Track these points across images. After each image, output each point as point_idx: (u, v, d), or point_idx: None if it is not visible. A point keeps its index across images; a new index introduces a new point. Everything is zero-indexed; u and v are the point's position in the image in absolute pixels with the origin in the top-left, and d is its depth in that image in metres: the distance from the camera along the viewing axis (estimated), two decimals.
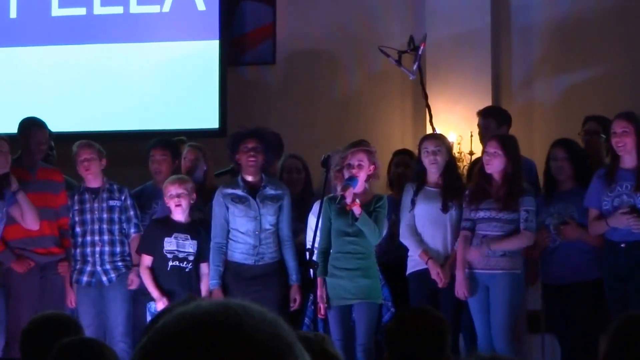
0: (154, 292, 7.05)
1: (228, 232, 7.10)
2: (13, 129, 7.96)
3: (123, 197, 7.40)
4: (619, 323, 3.48)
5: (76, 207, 7.41)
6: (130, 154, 8.89)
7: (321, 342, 2.75)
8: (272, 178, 7.32)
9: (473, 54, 9.47)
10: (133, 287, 7.26)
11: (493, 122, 7.97)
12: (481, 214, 6.84)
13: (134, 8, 9.82)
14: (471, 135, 8.91)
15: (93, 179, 7.44)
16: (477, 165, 7.70)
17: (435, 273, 6.92)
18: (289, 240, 7.12)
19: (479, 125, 8.11)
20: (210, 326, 1.27)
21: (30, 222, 7.12)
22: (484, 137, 7.99)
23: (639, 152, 6.64)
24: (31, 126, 7.60)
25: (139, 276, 7.22)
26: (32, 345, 3.87)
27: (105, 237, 7.33)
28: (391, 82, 9.76)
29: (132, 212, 7.38)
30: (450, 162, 7.17)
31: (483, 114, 8.11)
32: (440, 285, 6.92)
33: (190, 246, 7.13)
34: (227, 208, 7.10)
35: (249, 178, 7.13)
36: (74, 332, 3.80)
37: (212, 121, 9.63)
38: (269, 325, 1.30)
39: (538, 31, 9.74)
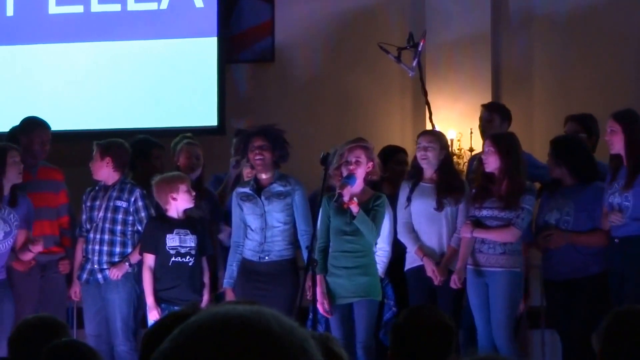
0: (149, 298, 7.10)
1: (246, 231, 7.16)
2: (9, 127, 7.94)
3: (133, 199, 7.34)
4: (609, 320, 3.51)
5: (88, 204, 7.41)
6: None
7: (326, 342, 2.73)
8: (286, 175, 7.30)
9: (473, 50, 9.46)
10: (112, 278, 7.23)
11: (497, 118, 8.00)
12: (484, 212, 6.85)
13: (132, 5, 9.80)
14: (471, 132, 8.89)
15: (101, 178, 7.40)
16: (476, 162, 7.72)
17: (431, 270, 6.92)
18: (306, 234, 7.08)
19: (481, 118, 8.10)
20: (240, 328, 1.30)
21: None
22: (486, 131, 7.99)
23: (628, 150, 6.64)
24: (36, 126, 7.61)
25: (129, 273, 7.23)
26: (19, 352, 3.85)
27: (106, 237, 7.32)
28: (391, 79, 9.74)
29: (143, 214, 7.34)
30: (446, 159, 7.14)
31: (488, 109, 8.13)
32: (435, 282, 6.91)
33: (191, 241, 7.16)
34: (242, 208, 7.14)
35: (262, 176, 7.17)
36: (62, 334, 3.80)
37: (210, 119, 9.60)
38: (297, 337, 1.32)
39: (538, 27, 9.73)
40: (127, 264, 7.25)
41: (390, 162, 7.85)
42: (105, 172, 7.37)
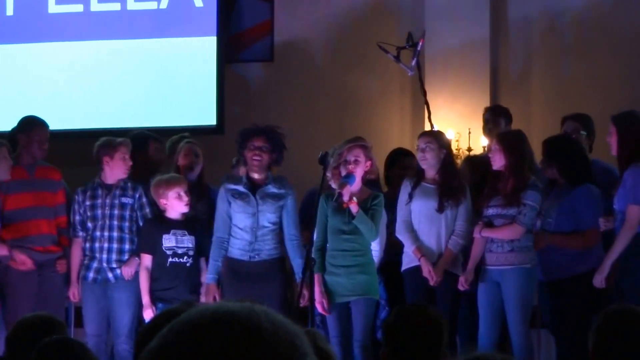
0: (144, 297, 7.11)
1: (230, 227, 7.11)
2: (9, 126, 7.96)
3: (137, 195, 7.36)
4: (601, 319, 3.53)
5: (87, 203, 7.39)
6: None
7: (312, 338, 2.73)
8: (279, 177, 7.28)
9: (472, 50, 9.48)
10: (126, 277, 7.24)
11: (503, 121, 8.08)
12: (491, 211, 6.90)
13: (131, 5, 9.82)
14: (469, 132, 8.91)
15: (120, 175, 7.41)
16: (475, 163, 7.74)
17: (427, 271, 6.93)
18: (295, 239, 7.09)
19: (487, 120, 8.14)
20: (229, 324, 1.29)
21: None
22: (492, 133, 8.03)
23: (621, 151, 6.69)
24: (34, 125, 7.60)
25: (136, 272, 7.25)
26: (16, 350, 3.86)
27: (115, 234, 7.32)
28: (390, 78, 9.76)
29: (147, 210, 7.36)
30: (447, 159, 7.14)
31: (494, 112, 8.18)
32: (431, 283, 6.91)
33: (188, 241, 7.16)
34: (230, 203, 7.11)
35: (255, 175, 7.14)
36: (59, 333, 3.80)
37: (209, 118, 9.62)
38: (288, 333, 1.31)
39: (536, 28, 9.75)
40: (137, 259, 7.25)
41: (394, 166, 7.86)
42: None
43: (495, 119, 8.12)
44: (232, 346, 1.28)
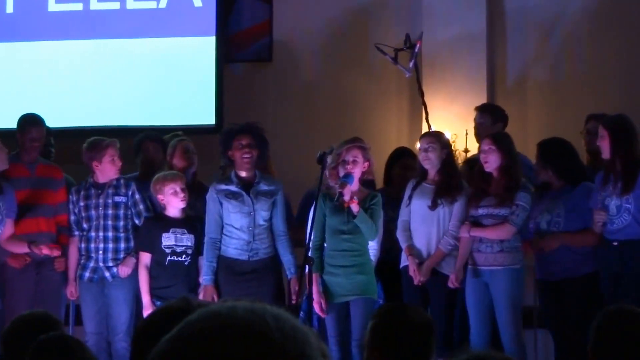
0: (145, 297, 7.12)
1: (222, 227, 7.11)
2: (9, 124, 7.98)
3: (130, 193, 7.38)
4: (599, 320, 3.55)
5: (82, 203, 7.41)
6: (126, 149, 8.87)
7: None
8: (265, 174, 7.32)
9: (469, 52, 9.49)
10: (123, 275, 7.26)
11: (488, 119, 8.08)
12: (480, 211, 6.92)
13: (131, 4, 9.83)
14: (466, 133, 8.93)
15: (112, 176, 7.42)
16: (475, 165, 7.76)
17: (412, 270, 6.97)
18: (284, 235, 7.13)
19: (475, 120, 8.17)
20: (238, 332, 1.29)
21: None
22: (479, 133, 8.05)
23: (615, 156, 6.71)
24: (26, 123, 7.60)
25: (134, 270, 7.26)
26: (12, 348, 3.87)
27: (110, 234, 7.34)
28: (388, 79, 9.77)
29: (141, 206, 7.38)
30: (448, 159, 7.18)
31: (480, 110, 8.19)
32: (415, 282, 6.95)
33: (188, 240, 7.17)
34: (221, 204, 7.10)
35: (243, 174, 7.14)
36: (55, 331, 3.81)
37: (208, 117, 9.63)
38: (297, 341, 1.31)
39: (533, 30, 9.77)
40: (133, 258, 7.27)
41: (395, 165, 7.89)
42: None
43: (479, 117, 8.15)
44: (237, 354, 1.28)
